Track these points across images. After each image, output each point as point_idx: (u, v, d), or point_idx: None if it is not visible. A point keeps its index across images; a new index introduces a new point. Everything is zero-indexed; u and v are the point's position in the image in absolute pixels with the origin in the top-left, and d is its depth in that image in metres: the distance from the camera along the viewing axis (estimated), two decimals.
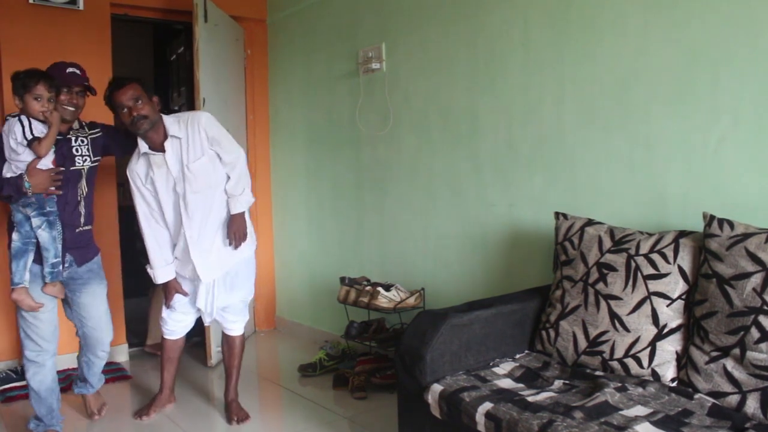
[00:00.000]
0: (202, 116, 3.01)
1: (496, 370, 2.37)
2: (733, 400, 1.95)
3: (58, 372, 3.81)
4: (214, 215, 3.05)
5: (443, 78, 3.44)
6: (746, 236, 2.02)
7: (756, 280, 1.94)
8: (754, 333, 1.92)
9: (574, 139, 2.81)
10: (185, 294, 3.17)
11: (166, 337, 3.29)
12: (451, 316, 2.34)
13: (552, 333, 2.46)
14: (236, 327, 3.28)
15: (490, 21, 3.15)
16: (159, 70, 6.17)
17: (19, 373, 3.64)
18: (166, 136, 2.94)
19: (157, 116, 2.92)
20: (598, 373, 2.27)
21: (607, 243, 2.38)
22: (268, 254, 4.90)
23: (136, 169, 3.02)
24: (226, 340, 3.31)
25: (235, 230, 3.06)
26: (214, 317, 3.22)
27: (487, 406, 2.02)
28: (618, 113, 2.64)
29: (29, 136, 2.66)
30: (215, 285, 3.12)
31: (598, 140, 2.72)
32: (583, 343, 2.34)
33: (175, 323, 3.25)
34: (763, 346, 1.90)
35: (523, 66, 3.01)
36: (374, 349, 3.71)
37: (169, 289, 3.16)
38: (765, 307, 1.91)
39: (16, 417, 3.30)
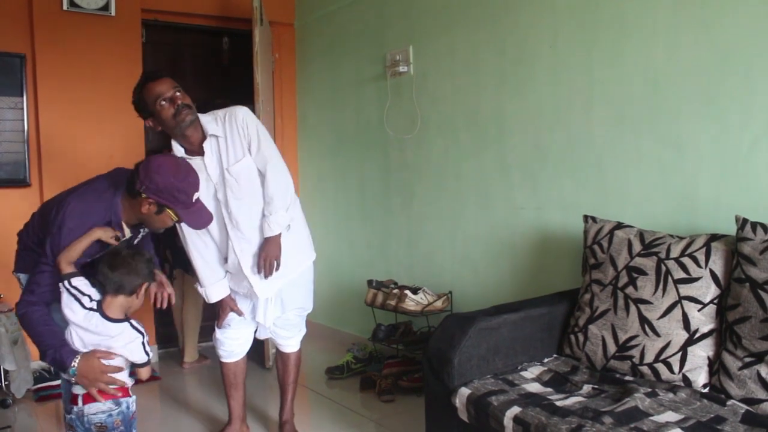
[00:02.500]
0: (240, 111, 2.61)
1: (524, 374, 2.35)
2: None
3: None
4: (259, 226, 2.65)
5: (471, 80, 3.43)
6: None
7: None
8: None
9: (603, 142, 2.79)
10: (240, 313, 2.77)
11: (224, 360, 2.88)
12: (479, 320, 2.33)
13: (581, 337, 2.44)
14: (292, 343, 2.94)
15: (517, 23, 3.14)
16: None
17: (53, 373, 3.70)
18: (204, 137, 2.56)
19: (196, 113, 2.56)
20: (627, 378, 2.24)
21: (637, 246, 2.35)
22: None
23: None
24: (281, 356, 2.97)
25: (265, 256, 2.61)
26: (270, 334, 2.90)
27: (515, 410, 2.01)
28: (648, 115, 2.61)
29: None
30: (272, 298, 2.79)
31: (628, 142, 2.69)
32: (612, 348, 2.32)
33: (232, 342, 2.85)
34: None
35: (551, 68, 2.99)
36: (401, 352, 3.71)
37: (222, 307, 2.78)
38: None
39: (49, 415, 3.36)
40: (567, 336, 2.52)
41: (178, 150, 2.57)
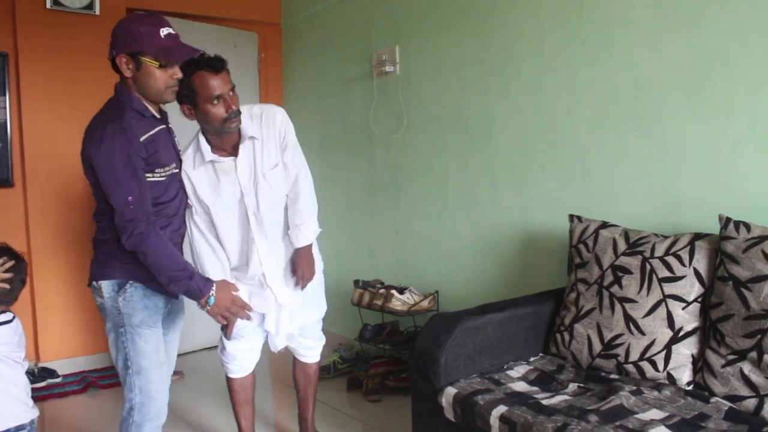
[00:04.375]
0: (278, 112, 2.45)
1: (510, 373, 2.36)
2: (751, 404, 1.93)
3: (75, 374, 3.87)
4: (283, 234, 2.53)
5: (457, 80, 3.43)
6: (763, 238, 2.00)
7: None
8: None
9: (588, 141, 2.80)
10: (249, 318, 2.47)
11: (232, 376, 2.65)
12: (464, 319, 2.33)
13: (566, 336, 2.45)
14: (314, 353, 2.77)
15: (503, 23, 3.14)
16: None
17: (36, 376, 3.67)
18: (239, 138, 2.36)
19: None
20: (612, 376, 2.26)
21: (622, 246, 2.37)
22: None
23: (195, 179, 2.34)
24: (302, 368, 2.79)
25: (303, 268, 2.50)
26: (286, 343, 2.67)
27: (502, 409, 2.01)
28: (632, 115, 2.63)
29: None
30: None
31: (612, 142, 2.71)
32: (597, 346, 2.33)
33: (245, 355, 2.61)
34: None
35: (536, 68, 3.00)
36: (388, 352, 3.71)
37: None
38: None
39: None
40: (553, 335, 2.53)
41: (204, 146, 2.34)
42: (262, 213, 2.42)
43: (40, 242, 3.89)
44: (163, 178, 2.18)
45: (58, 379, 3.76)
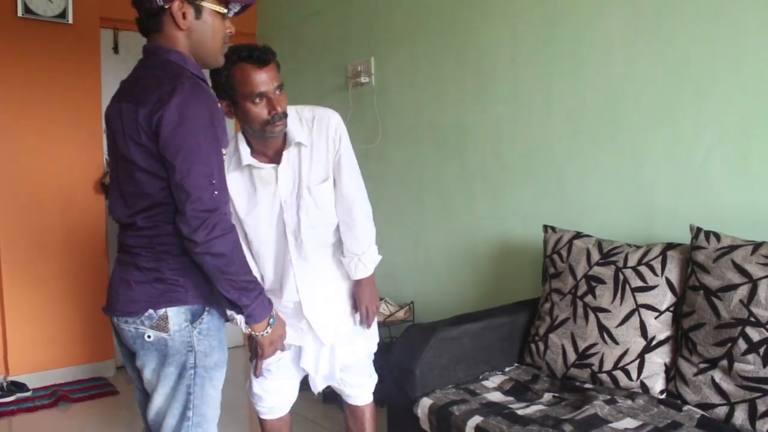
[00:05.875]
0: (333, 116, 2.12)
1: (485, 383, 2.36)
2: (722, 411, 1.95)
3: (46, 387, 3.80)
4: (329, 258, 2.20)
5: (432, 92, 3.45)
6: (733, 248, 2.03)
7: (743, 291, 1.95)
8: (742, 344, 1.92)
9: (563, 153, 2.83)
10: (282, 348, 1.95)
11: (264, 417, 2.31)
12: (440, 330, 2.34)
13: (541, 346, 2.46)
14: (364, 393, 2.34)
15: (478, 35, 3.17)
16: None
17: (5, 390, 3.60)
18: (284, 143, 2.05)
19: None
20: (587, 385, 2.27)
21: (596, 256, 2.39)
22: None
23: (229, 184, 1.83)
24: (352, 412, 2.37)
25: (368, 303, 2.18)
26: (328, 383, 2.29)
27: (477, 419, 2.01)
28: (605, 127, 2.66)
29: None
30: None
31: (586, 153, 2.74)
32: (572, 356, 2.35)
33: (273, 396, 2.25)
34: (750, 357, 1.91)
35: (511, 80, 3.03)
36: None
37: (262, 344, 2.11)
38: (752, 319, 1.92)
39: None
40: (528, 345, 2.54)
41: (244, 150, 2.03)
42: (303, 233, 2.08)
43: (10, 250, 3.82)
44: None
45: (28, 393, 3.69)
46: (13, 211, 3.83)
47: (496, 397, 2.25)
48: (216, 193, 1.57)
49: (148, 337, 1.63)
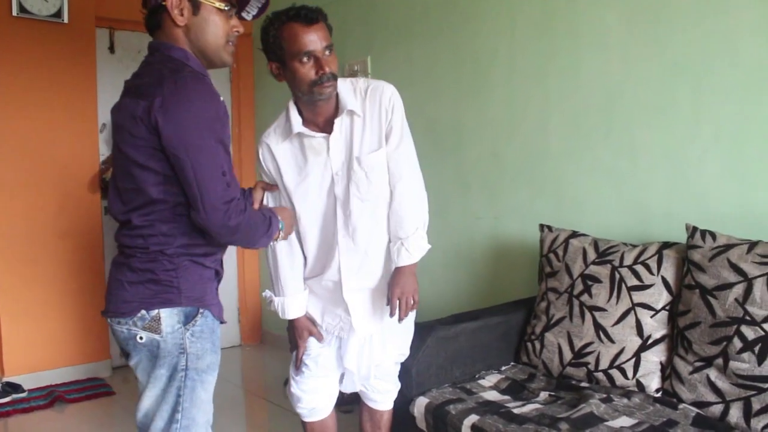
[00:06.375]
0: (387, 87, 2.01)
1: (481, 382, 2.37)
2: (717, 409, 1.96)
3: (41, 388, 3.79)
4: (379, 239, 2.07)
5: (429, 91, 3.45)
6: (728, 247, 2.04)
7: (738, 290, 1.96)
8: (737, 343, 1.93)
9: (559, 152, 2.83)
10: (320, 338, 2.09)
11: (306, 420, 2.20)
12: (436, 329, 2.34)
13: (537, 345, 2.47)
14: (387, 399, 2.24)
15: (475, 34, 3.17)
16: None
17: (0, 391, 3.59)
18: (336, 111, 1.97)
19: None
20: (583, 384, 2.27)
21: (592, 255, 2.39)
22: (253, 267, 4.88)
23: (279, 155, 1.99)
24: (371, 416, 2.28)
25: (400, 293, 2.00)
26: (363, 383, 2.19)
27: (473, 418, 2.02)
28: (602, 126, 2.67)
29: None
30: (371, 336, 2.11)
31: (583, 152, 2.74)
32: (568, 355, 2.35)
33: (312, 396, 2.16)
34: (745, 355, 1.91)
35: (508, 79, 3.03)
36: None
37: (299, 330, 2.11)
38: (747, 317, 1.92)
39: None
40: (524, 344, 2.55)
41: (295, 118, 1.98)
42: (352, 206, 1.97)
43: (5, 251, 3.81)
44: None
45: (24, 394, 3.68)
46: (9, 211, 3.82)
47: (493, 396, 2.25)
48: (229, 185, 1.58)
49: (140, 338, 1.62)
